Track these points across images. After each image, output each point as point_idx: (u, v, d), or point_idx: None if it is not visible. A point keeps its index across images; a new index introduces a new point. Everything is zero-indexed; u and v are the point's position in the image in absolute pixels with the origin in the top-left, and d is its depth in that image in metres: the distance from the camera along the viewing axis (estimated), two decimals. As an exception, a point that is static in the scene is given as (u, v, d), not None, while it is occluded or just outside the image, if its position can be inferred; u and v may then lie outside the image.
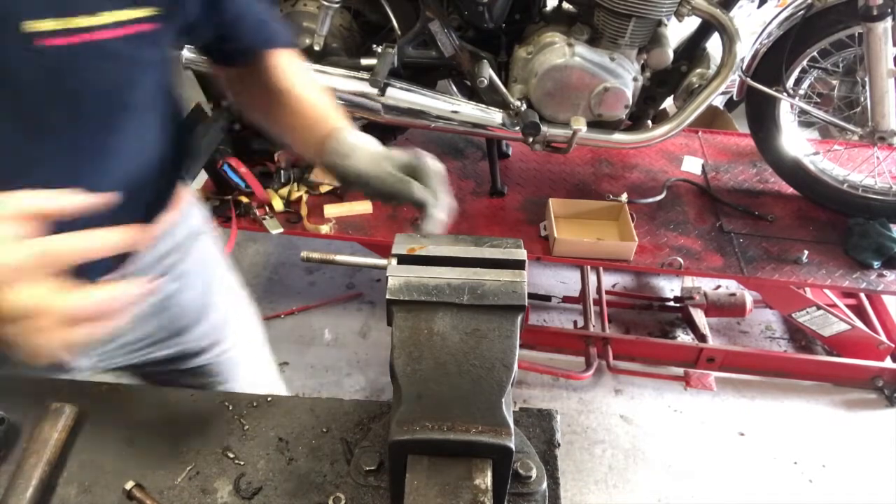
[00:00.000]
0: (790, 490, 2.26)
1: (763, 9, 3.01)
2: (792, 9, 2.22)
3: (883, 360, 2.47)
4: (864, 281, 2.29)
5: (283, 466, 0.82)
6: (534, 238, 2.38)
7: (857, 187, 2.47)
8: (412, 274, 0.70)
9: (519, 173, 2.70)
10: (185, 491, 0.79)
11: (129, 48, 0.72)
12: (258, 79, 0.98)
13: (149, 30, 0.73)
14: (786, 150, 2.48)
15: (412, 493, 0.63)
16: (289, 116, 0.96)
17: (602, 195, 2.55)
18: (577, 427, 2.43)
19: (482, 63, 2.18)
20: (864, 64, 2.16)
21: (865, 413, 2.51)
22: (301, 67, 1.00)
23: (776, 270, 2.31)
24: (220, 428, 0.86)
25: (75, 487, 0.79)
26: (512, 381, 0.67)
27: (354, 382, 2.54)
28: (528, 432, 0.86)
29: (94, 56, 0.69)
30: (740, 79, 2.36)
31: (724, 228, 2.47)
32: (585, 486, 2.24)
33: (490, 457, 0.65)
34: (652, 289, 3.00)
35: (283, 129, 0.99)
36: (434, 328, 0.68)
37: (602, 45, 2.18)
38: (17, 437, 0.83)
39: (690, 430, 2.44)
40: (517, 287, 0.69)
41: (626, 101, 2.23)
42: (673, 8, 2.06)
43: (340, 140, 0.87)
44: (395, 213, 2.46)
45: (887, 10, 2.04)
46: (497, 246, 0.73)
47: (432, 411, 0.65)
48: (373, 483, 0.78)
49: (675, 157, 2.82)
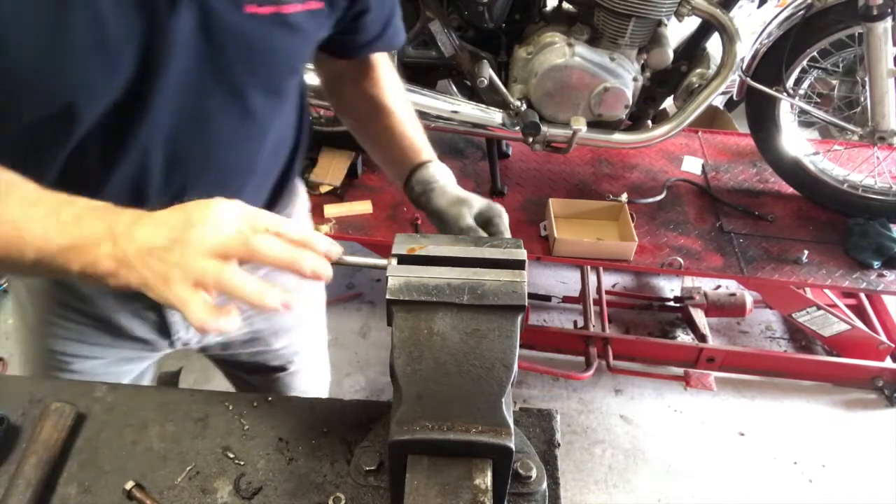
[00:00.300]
0: (790, 490, 2.26)
1: (763, 9, 3.00)
2: (792, 9, 2.22)
3: (883, 360, 2.47)
4: (864, 281, 2.29)
5: (283, 466, 0.82)
6: (534, 238, 2.37)
7: (857, 187, 2.47)
8: (412, 274, 0.70)
9: (519, 173, 2.70)
10: (185, 491, 0.79)
11: (305, 22, 0.81)
12: (360, 82, 1.06)
13: (320, 8, 0.82)
14: (786, 150, 2.48)
15: (412, 493, 0.63)
16: (384, 138, 1.04)
17: (602, 195, 2.55)
18: (577, 427, 2.43)
19: (482, 63, 2.18)
20: (864, 64, 2.16)
21: (865, 413, 2.51)
22: (398, 83, 1.08)
23: (776, 270, 2.30)
24: (220, 428, 0.86)
25: (75, 487, 0.79)
26: (512, 381, 0.67)
27: (354, 382, 2.54)
28: (528, 432, 0.86)
29: (281, 25, 0.79)
30: (740, 79, 2.35)
31: (724, 228, 2.47)
32: (585, 486, 2.24)
33: (490, 457, 0.65)
34: (652, 289, 3.00)
35: (374, 146, 1.08)
36: (434, 328, 0.68)
37: (602, 45, 2.18)
38: (17, 437, 0.83)
39: (690, 430, 2.44)
40: (517, 287, 0.69)
41: (626, 101, 2.23)
42: (673, 8, 2.06)
43: (426, 175, 0.96)
44: (395, 213, 2.46)
45: (887, 10, 2.04)
46: (497, 246, 0.73)
47: (432, 411, 0.65)
48: (373, 483, 0.78)
49: (675, 157, 2.82)
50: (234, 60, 0.79)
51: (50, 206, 0.66)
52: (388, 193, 2.53)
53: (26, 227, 0.64)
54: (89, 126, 0.76)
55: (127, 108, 0.76)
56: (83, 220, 0.64)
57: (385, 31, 0.99)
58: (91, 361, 1.11)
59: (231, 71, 0.80)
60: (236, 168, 0.92)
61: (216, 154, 0.87)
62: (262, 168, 0.97)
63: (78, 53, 0.69)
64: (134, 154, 0.80)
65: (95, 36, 0.69)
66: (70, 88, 0.72)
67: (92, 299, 1.02)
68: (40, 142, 0.77)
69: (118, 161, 0.80)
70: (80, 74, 0.71)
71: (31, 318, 1.09)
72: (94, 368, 1.12)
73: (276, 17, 0.78)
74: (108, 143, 0.79)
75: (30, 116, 0.73)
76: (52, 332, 1.07)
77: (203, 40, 0.75)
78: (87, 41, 0.69)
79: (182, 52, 0.74)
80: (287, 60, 0.85)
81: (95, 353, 1.10)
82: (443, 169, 0.98)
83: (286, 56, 0.84)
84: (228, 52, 0.78)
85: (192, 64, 0.76)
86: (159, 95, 0.76)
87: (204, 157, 0.86)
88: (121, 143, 0.79)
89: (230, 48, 0.77)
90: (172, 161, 0.84)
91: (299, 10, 0.79)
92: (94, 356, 1.10)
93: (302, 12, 0.80)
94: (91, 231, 0.64)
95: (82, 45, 0.69)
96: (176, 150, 0.83)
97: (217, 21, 0.74)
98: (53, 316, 1.05)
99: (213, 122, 0.84)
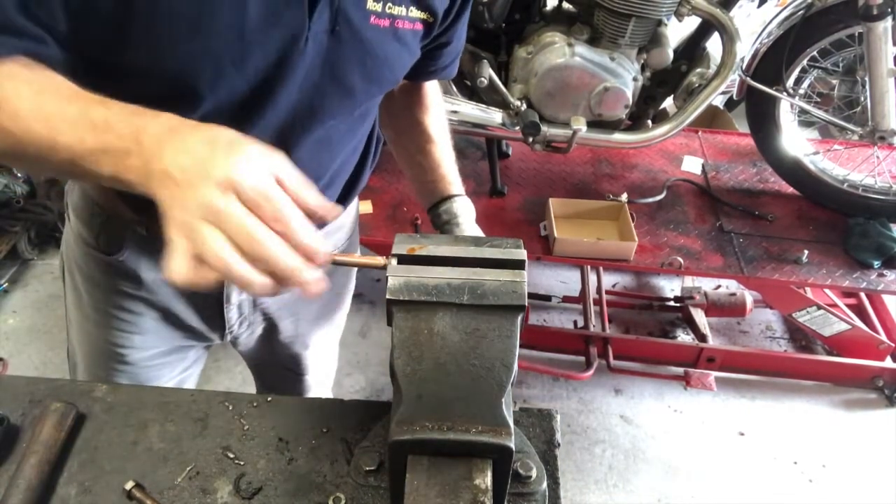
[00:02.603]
0: (790, 490, 2.26)
1: (763, 8, 3.01)
2: (792, 8, 2.22)
3: (883, 359, 2.47)
4: (864, 281, 2.29)
5: (283, 466, 0.82)
6: (534, 238, 2.37)
7: (857, 187, 2.47)
8: (412, 274, 0.69)
9: (519, 173, 2.70)
10: (185, 491, 0.79)
11: (409, 38, 0.89)
12: (410, 103, 1.14)
13: (420, 29, 0.90)
14: (786, 150, 2.48)
15: (412, 493, 0.63)
16: (421, 160, 1.13)
17: (602, 195, 2.55)
18: (577, 427, 2.43)
19: (482, 63, 2.18)
20: (864, 63, 2.16)
21: (865, 413, 2.51)
22: (443, 111, 1.17)
23: (776, 270, 2.30)
24: (220, 428, 0.86)
25: (75, 487, 0.79)
26: (512, 381, 0.67)
27: (354, 382, 2.54)
28: (528, 432, 0.86)
29: (394, 38, 0.87)
30: (740, 78, 2.35)
31: (724, 228, 2.47)
32: (585, 486, 2.24)
33: (490, 457, 0.65)
34: (652, 289, 3.00)
35: (409, 162, 1.16)
36: (434, 328, 0.68)
37: (602, 44, 2.18)
38: (17, 437, 0.83)
39: (690, 430, 2.44)
40: (517, 287, 0.69)
41: (626, 100, 2.23)
42: (673, 8, 2.06)
43: (453, 209, 1.09)
44: (395, 213, 2.46)
45: (887, 10, 2.04)
46: (497, 246, 0.73)
47: (432, 411, 0.65)
48: (373, 483, 0.78)
49: (675, 156, 2.82)
50: (353, 65, 0.85)
51: (83, 105, 0.65)
52: (388, 193, 2.53)
53: (60, 125, 0.64)
54: (208, 110, 0.79)
55: (252, 96, 0.80)
56: (112, 125, 0.63)
57: (451, 63, 1.08)
58: (144, 352, 1.14)
59: (348, 74, 0.86)
60: (328, 163, 0.98)
61: (316, 149, 0.93)
62: (345, 167, 1.05)
63: (216, 37, 0.72)
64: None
65: (237, 21, 0.72)
66: (198, 69, 0.75)
67: (152, 287, 1.05)
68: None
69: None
70: (212, 57, 0.74)
71: (87, 308, 1.12)
72: (146, 360, 1.15)
73: (391, 31, 0.85)
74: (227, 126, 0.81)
75: (157, 91, 0.73)
76: (108, 322, 1.09)
77: (331, 41, 0.81)
78: (227, 26, 0.72)
79: (313, 50, 0.79)
80: (394, 70, 0.92)
81: (148, 343, 1.13)
82: (468, 206, 1.10)
83: (394, 66, 0.91)
84: (350, 56, 0.84)
85: (318, 63, 0.82)
86: (285, 88, 0.81)
87: (309, 151, 0.91)
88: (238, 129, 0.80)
89: (352, 53, 0.83)
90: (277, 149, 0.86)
91: (407, 28, 0.88)
92: (147, 347, 1.13)
93: (409, 30, 0.88)
94: (120, 138, 0.63)
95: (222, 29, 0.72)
96: (285, 141, 0.87)
97: (347, 25, 0.80)
98: (111, 306, 1.08)
99: (322, 120, 0.90)
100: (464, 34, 1.04)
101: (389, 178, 2.59)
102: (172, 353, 1.18)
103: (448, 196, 1.10)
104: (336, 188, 1.06)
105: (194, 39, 0.72)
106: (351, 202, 1.16)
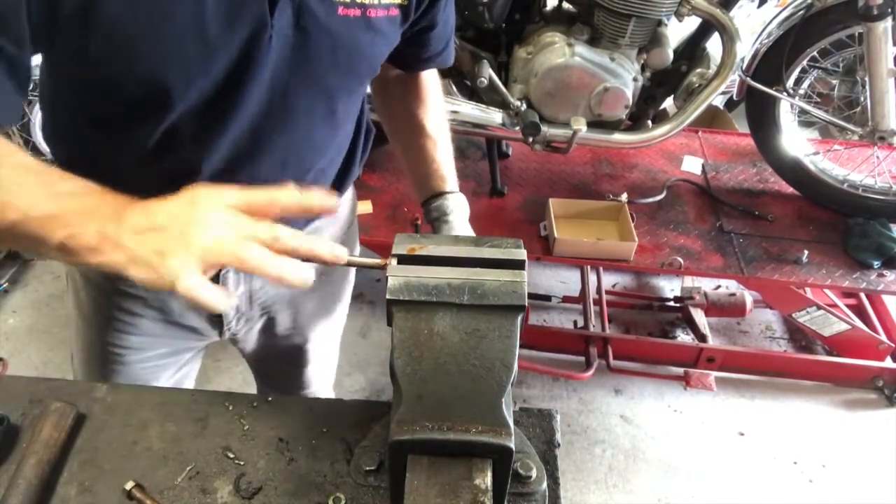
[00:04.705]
0: (790, 490, 2.26)
1: (763, 9, 3.01)
2: (792, 9, 2.22)
3: (883, 360, 2.46)
4: (864, 281, 2.29)
5: (283, 466, 0.82)
6: (534, 238, 2.37)
7: (857, 187, 2.47)
8: (412, 274, 0.70)
9: (519, 173, 2.70)
10: (185, 491, 0.79)
11: (384, 26, 0.87)
12: (407, 96, 1.13)
13: (395, 15, 0.88)
14: (786, 150, 2.48)
15: (412, 493, 0.63)
16: (417, 154, 1.12)
17: (602, 195, 2.55)
18: (577, 427, 2.43)
19: (482, 63, 2.18)
20: (864, 64, 2.16)
21: (865, 413, 2.51)
22: (441, 104, 1.17)
23: (776, 270, 2.30)
24: (220, 428, 0.86)
25: (75, 487, 0.79)
26: (512, 381, 0.67)
27: (354, 382, 2.54)
28: (528, 432, 0.86)
29: (366, 28, 0.85)
30: (740, 78, 2.35)
31: (724, 228, 2.47)
32: (585, 486, 2.24)
33: (490, 457, 0.65)
34: (652, 289, 3.00)
35: (405, 155, 1.16)
36: (434, 328, 0.68)
37: (602, 45, 2.18)
38: (17, 437, 0.83)
39: (690, 430, 2.44)
40: (517, 287, 0.69)
41: (626, 101, 2.23)
42: (673, 8, 2.06)
43: (444, 206, 1.08)
44: (395, 213, 2.46)
45: (887, 10, 2.03)
46: (497, 246, 0.73)
47: (432, 411, 0.65)
48: (373, 483, 0.78)
49: (675, 156, 2.82)
50: (323, 58, 0.84)
51: (46, 177, 0.67)
52: (388, 193, 2.53)
53: (15, 189, 0.65)
54: (181, 112, 0.79)
55: (220, 96, 0.80)
56: (78, 196, 0.65)
57: (444, 50, 1.06)
58: (142, 353, 1.14)
59: (319, 68, 0.84)
60: (310, 160, 0.97)
61: (295, 147, 0.92)
62: (331, 162, 1.04)
63: (177, 41, 0.73)
64: (222, 140, 0.84)
65: (196, 24, 0.72)
66: (167, 74, 0.75)
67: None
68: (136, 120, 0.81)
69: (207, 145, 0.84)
70: (179, 61, 0.74)
71: (87, 309, 1.12)
72: (144, 361, 1.15)
73: (362, 21, 0.83)
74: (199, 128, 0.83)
75: (130, 97, 0.77)
76: (107, 323, 1.10)
77: (297, 37, 0.80)
78: (187, 29, 0.72)
79: (278, 47, 0.79)
80: (369, 60, 0.91)
81: (146, 344, 1.13)
82: (461, 203, 1.09)
83: (369, 56, 0.90)
84: (319, 50, 0.82)
85: (285, 59, 0.81)
86: (252, 86, 0.80)
87: (284, 148, 0.91)
88: (211, 130, 0.83)
89: (321, 46, 0.82)
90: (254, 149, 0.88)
91: (381, 16, 0.85)
92: (146, 348, 1.13)
93: (383, 17, 0.86)
94: (83, 205, 0.64)
95: (182, 33, 0.72)
96: (262, 141, 0.87)
97: (312, 19, 0.79)
98: (110, 307, 1.08)
99: (298, 117, 0.88)
100: (452, 18, 1.02)
101: (389, 178, 2.59)
102: (171, 356, 1.18)
103: (440, 192, 1.09)
104: (324, 185, 1.05)
105: (156, 45, 0.73)
106: (343, 193, 1.15)
